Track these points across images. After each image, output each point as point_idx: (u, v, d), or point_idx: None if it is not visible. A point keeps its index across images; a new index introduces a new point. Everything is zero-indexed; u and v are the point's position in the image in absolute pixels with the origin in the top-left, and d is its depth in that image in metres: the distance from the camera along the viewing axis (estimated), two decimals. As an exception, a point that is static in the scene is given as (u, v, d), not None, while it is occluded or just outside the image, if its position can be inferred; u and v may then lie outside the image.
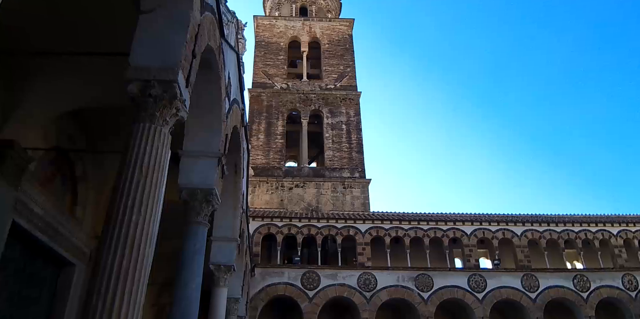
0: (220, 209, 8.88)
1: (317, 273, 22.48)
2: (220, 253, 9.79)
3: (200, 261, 6.65)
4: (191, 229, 6.69)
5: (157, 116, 4.59)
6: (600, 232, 25.63)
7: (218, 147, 6.93)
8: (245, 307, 18.03)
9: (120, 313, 3.73)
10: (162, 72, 4.56)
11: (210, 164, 6.88)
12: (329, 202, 27.54)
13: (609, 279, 24.26)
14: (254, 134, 29.24)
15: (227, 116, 7.54)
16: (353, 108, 31.38)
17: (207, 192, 6.79)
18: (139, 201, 4.18)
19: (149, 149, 4.41)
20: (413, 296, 22.49)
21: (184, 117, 4.97)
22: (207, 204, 6.81)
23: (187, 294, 6.46)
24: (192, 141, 6.89)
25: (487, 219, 25.23)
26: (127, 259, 3.91)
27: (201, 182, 6.80)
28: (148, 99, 4.54)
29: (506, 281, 23.49)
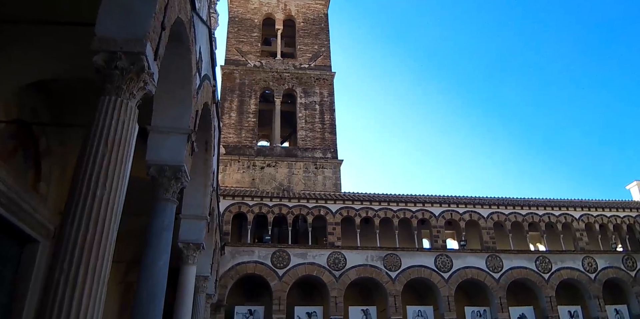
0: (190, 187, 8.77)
1: (287, 251, 22.61)
2: (189, 231, 9.71)
3: (168, 238, 6.57)
4: (159, 206, 6.59)
5: (124, 89, 4.47)
6: (563, 216, 26.43)
7: (188, 123, 6.79)
8: (215, 285, 18.07)
9: (83, 289, 3.65)
10: (129, 43, 4.41)
11: (180, 141, 6.75)
12: (301, 182, 27.57)
13: (569, 261, 25.13)
14: (226, 112, 28.84)
15: (198, 92, 7.38)
16: (327, 88, 31.20)
17: (176, 169, 6.68)
18: (103, 176, 4.08)
19: (114, 123, 4.30)
20: (381, 275, 22.88)
21: (152, 91, 4.84)
22: (176, 181, 6.71)
23: (155, 271, 6.39)
24: (161, 116, 6.73)
25: (455, 201, 25.72)
26: (91, 235, 3.83)
27: (170, 159, 6.68)
28: (114, 72, 4.41)
29: (472, 261, 24.10)
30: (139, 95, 4.65)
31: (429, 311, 22.98)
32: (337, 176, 28.37)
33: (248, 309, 21.74)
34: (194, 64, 6.79)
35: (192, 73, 6.67)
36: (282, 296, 21.60)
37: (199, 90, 7.42)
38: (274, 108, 30.31)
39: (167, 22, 5.20)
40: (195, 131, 7.21)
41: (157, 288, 6.35)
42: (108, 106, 4.33)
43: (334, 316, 21.61)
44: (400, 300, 22.52)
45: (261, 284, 22.63)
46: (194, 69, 6.77)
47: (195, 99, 7.12)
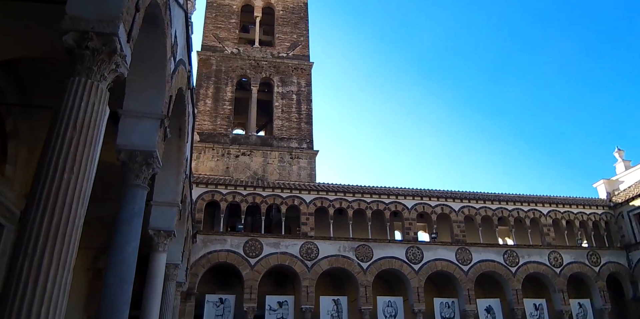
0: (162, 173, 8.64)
1: (260, 241, 22.57)
2: (160, 218, 9.59)
3: (138, 225, 6.47)
4: (129, 192, 6.47)
5: (95, 70, 4.36)
6: (531, 211, 27.00)
7: (161, 108, 6.67)
8: (186, 273, 17.95)
9: (48, 274, 3.57)
10: (101, 24, 4.29)
11: (152, 126, 6.62)
12: (276, 172, 27.47)
13: (536, 255, 25.73)
14: (202, 98, 28.44)
15: (172, 77, 7.25)
16: (304, 78, 31.04)
17: (148, 154, 6.55)
18: (71, 159, 3.99)
19: (84, 105, 4.19)
20: (353, 266, 23.06)
21: (124, 74, 4.73)
22: (148, 167, 6.59)
23: (124, 257, 6.30)
24: (134, 100, 6.58)
25: (428, 194, 26.00)
26: (57, 219, 3.74)
27: (142, 144, 6.54)
28: (85, 52, 4.29)
29: (442, 253, 24.47)
30: (110, 77, 4.55)
31: (398, 302, 23.28)
32: (312, 167, 28.36)
33: (219, 298, 21.67)
34: (169, 47, 6.65)
35: (166, 57, 6.54)
36: (254, 285, 21.59)
37: (173, 75, 7.28)
38: (250, 96, 30.02)
39: (142, 4, 5.07)
40: (169, 116, 7.09)
41: (126, 274, 6.27)
42: (78, 88, 4.23)
43: (305, 306, 21.72)
44: (371, 291, 22.75)
45: (233, 273, 22.57)
46: (168, 53, 6.64)
47: (170, 83, 6.99)
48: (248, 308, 21.11)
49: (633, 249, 26.85)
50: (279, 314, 21.75)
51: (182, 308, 18.95)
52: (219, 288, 22.80)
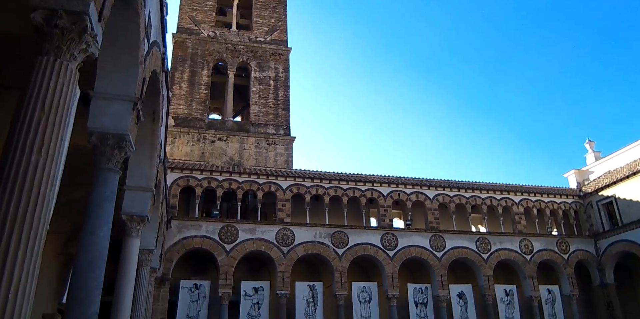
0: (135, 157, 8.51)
1: (235, 227, 22.51)
2: (133, 203, 9.45)
3: (110, 209, 6.37)
4: (101, 176, 6.35)
5: (64, 49, 4.23)
6: (504, 199, 27.51)
7: (134, 90, 6.52)
8: (160, 259, 17.82)
9: (16, 259, 3.48)
10: (71, 1, 4.16)
11: (125, 108, 6.47)
12: (252, 158, 27.31)
13: (508, 242, 26.29)
14: (177, 82, 27.95)
15: (146, 59, 7.08)
16: (282, 64, 30.77)
17: (120, 137, 6.42)
18: (39, 141, 3.88)
19: (52, 85, 4.07)
20: (328, 252, 23.21)
21: (94, 54, 4.60)
22: (120, 151, 6.46)
23: (95, 242, 6.21)
24: (105, 82, 6.42)
25: (403, 182, 26.23)
26: (24, 203, 3.65)
27: (113, 127, 6.40)
28: (54, 31, 4.15)
29: (416, 240, 24.79)
30: (80, 57, 4.42)
31: (373, 287, 23.58)
32: (289, 153, 28.28)
33: (194, 284, 21.61)
34: (142, 28, 6.48)
35: (139, 38, 6.38)
36: (229, 271, 21.58)
37: (146, 56, 7.11)
38: (227, 81, 29.63)
39: (114, -18, 4.92)
40: (142, 99, 6.93)
41: (98, 259, 6.19)
42: (46, 67, 4.12)
43: (281, 291, 21.83)
44: (346, 276, 22.98)
45: (208, 259, 22.50)
46: (142, 34, 6.47)
47: (143, 65, 6.83)
48: (223, 294, 21.12)
49: (601, 237, 27.64)
50: (254, 299, 21.83)
51: (156, 294, 18.84)
52: (194, 274, 22.73)
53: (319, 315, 22.29)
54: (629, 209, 26.29)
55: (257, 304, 21.81)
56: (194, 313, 21.03)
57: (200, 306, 21.23)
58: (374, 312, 23.04)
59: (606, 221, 27.83)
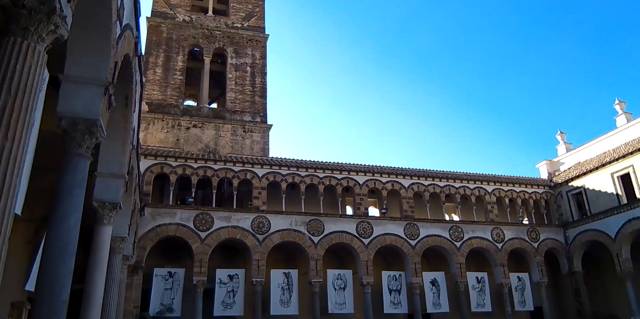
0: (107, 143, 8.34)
1: (210, 214, 22.37)
2: (105, 190, 9.28)
3: (80, 196, 6.23)
4: (71, 162, 6.20)
5: (32, 30, 4.10)
6: (477, 189, 27.96)
7: (106, 74, 6.35)
8: (133, 246, 17.62)
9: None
10: (38, -20, 4.00)
11: (96, 93, 6.31)
12: (228, 145, 27.07)
13: (480, 231, 26.78)
14: (151, 67, 27.39)
15: (118, 42, 6.89)
16: (259, 51, 30.43)
17: (91, 122, 6.26)
18: (5, 125, 3.78)
19: (19, 67, 3.96)
20: (304, 240, 23.28)
21: (64, 36, 4.46)
22: (91, 136, 6.31)
23: (64, 229, 6.09)
24: (76, 65, 6.24)
25: (379, 171, 26.40)
26: (-10, 188, 3.54)
27: (84, 112, 6.24)
28: (21, 11, 4.02)
29: (391, 228, 25.05)
30: (48, 39, 4.29)
31: (348, 275, 23.80)
32: (266, 141, 28.12)
33: (168, 272, 21.47)
34: (115, 10, 6.30)
35: (112, 21, 6.20)
36: (204, 259, 21.48)
37: (119, 40, 6.93)
38: (202, 67, 29.18)
39: (84, -39, 4.75)
40: (114, 83, 6.76)
41: (68, 246, 6.08)
42: (13, 49, 4.00)
43: (256, 279, 21.86)
44: (322, 264, 23.12)
45: (182, 247, 22.33)
46: (114, 17, 6.29)
47: (115, 49, 6.65)
48: (198, 282, 21.04)
49: (570, 227, 28.37)
50: (229, 287, 21.82)
51: (129, 282, 18.66)
52: (168, 262, 22.56)
53: (294, 302, 22.42)
54: (598, 200, 27.00)
55: (232, 291, 21.81)
56: (167, 301, 20.93)
57: (175, 294, 21.14)
58: (348, 299, 23.29)
59: (575, 211, 28.55)
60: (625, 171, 25.74)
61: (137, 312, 19.75)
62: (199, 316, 20.58)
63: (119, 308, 15.03)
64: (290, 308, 22.34)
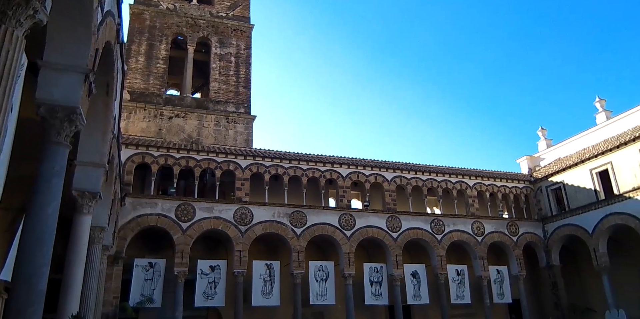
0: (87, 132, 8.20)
1: (192, 205, 22.23)
2: (85, 179, 9.14)
3: (59, 185, 6.12)
4: (50, 150, 6.09)
5: (10, 15, 4.00)
6: (458, 183, 28.22)
7: (86, 61, 6.22)
8: (113, 237, 17.46)
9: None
10: (16, -37, 3.89)
11: (76, 80, 6.18)
12: (211, 136, 26.87)
13: (461, 224, 27.07)
14: (133, 55, 26.97)
15: (99, 29, 6.76)
16: (244, 41, 30.15)
17: (70, 110, 6.14)
18: (-20, 111, 3.67)
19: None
20: (287, 231, 23.29)
21: (43, 21, 4.36)
22: (70, 124, 6.19)
23: (42, 219, 5.99)
24: (56, 52, 6.10)
25: (362, 163, 26.46)
26: (-37, 176, 3.46)
27: (63, 99, 6.11)
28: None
29: (373, 221, 25.18)
30: (27, 23, 4.18)
31: (330, 266, 23.90)
32: (249, 132, 27.98)
33: (149, 262, 21.32)
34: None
35: (92, 6, 6.07)
36: (185, 250, 21.37)
37: (100, 26, 6.79)
38: (186, 56, 28.82)
39: (64, -56, 4.64)
40: (95, 71, 6.64)
41: (46, 235, 5.99)
42: (-11, 33, 3.87)
43: (238, 270, 21.83)
44: (304, 255, 23.16)
45: (163, 237, 22.18)
46: (95, 3, 6.16)
47: (96, 35, 6.52)
48: (179, 272, 20.95)
49: (549, 221, 28.83)
50: (210, 278, 21.76)
51: (109, 272, 18.51)
52: (149, 252, 22.41)
53: (275, 293, 22.47)
54: (576, 195, 27.45)
55: (213, 282, 21.76)
56: (148, 292, 20.81)
57: (155, 285, 21.02)
58: (330, 290, 23.41)
59: (554, 205, 29.01)
60: (603, 167, 26.18)
61: (117, 302, 19.62)
62: (179, 306, 20.51)
63: (98, 298, 14.92)
64: (271, 299, 22.38)
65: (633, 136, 24.70)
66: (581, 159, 27.31)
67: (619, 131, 27.54)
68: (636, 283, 26.13)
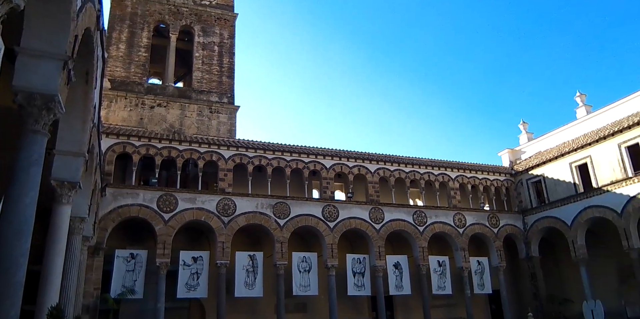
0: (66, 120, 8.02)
1: (175, 196, 22.02)
2: (64, 168, 8.95)
3: (37, 174, 5.98)
4: (27, 138, 5.93)
5: (-16, 0, 3.84)
6: (441, 175, 28.43)
7: (65, 48, 6.05)
8: (93, 227, 17.24)
9: None
10: (-10, -56, 3.74)
11: (54, 67, 6.01)
12: (194, 126, 26.60)
13: (443, 216, 27.32)
14: (114, 43, 26.46)
15: (79, 15, 6.57)
16: (228, 30, 29.77)
17: (49, 98, 5.98)
18: (-47, 98, 3.54)
19: (-30, 36, 3.71)
20: (270, 222, 23.24)
21: (19, 6, 4.22)
22: (48, 112, 6.03)
23: (20, 209, 5.86)
24: (33, 38, 5.92)
25: (346, 155, 26.48)
26: None
27: (42, 86, 5.95)
28: (-28, -22, 3.75)
29: (356, 212, 25.26)
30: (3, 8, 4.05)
31: (313, 257, 23.95)
32: (233, 122, 27.75)
33: (130, 253, 21.11)
34: (75, -19, 6.00)
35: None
36: (168, 241, 21.21)
37: (80, 12, 6.61)
38: (168, 44, 28.37)
39: None
40: (74, 58, 6.46)
41: (24, 226, 5.86)
42: (-37, 17, 3.73)
43: (220, 261, 21.75)
44: (287, 246, 23.16)
45: (145, 228, 21.99)
46: (74, -13, 5.99)
47: (75, 22, 6.34)
48: (161, 263, 20.80)
49: (529, 213, 29.24)
50: (193, 269, 21.66)
51: (89, 263, 18.29)
52: (130, 243, 22.20)
53: (258, 284, 22.46)
54: (556, 188, 27.86)
55: (195, 273, 21.66)
56: (129, 283, 20.62)
57: (137, 276, 20.84)
58: (313, 281, 23.48)
59: (534, 198, 29.42)
60: (583, 161, 26.58)
61: (97, 294, 19.43)
62: (161, 298, 20.40)
63: (78, 290, 14.73)
64: (254, 290, 22.38)
65: (612, 131, 25.09)
66: (561, 153, 27.68)
67: (598, 125, 27.96)
68: (613, 274, 26.70)
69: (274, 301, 22.84)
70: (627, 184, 23.97)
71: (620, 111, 27.03)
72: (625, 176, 24.16)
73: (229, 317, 21.68)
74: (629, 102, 26.75)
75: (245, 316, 23.49)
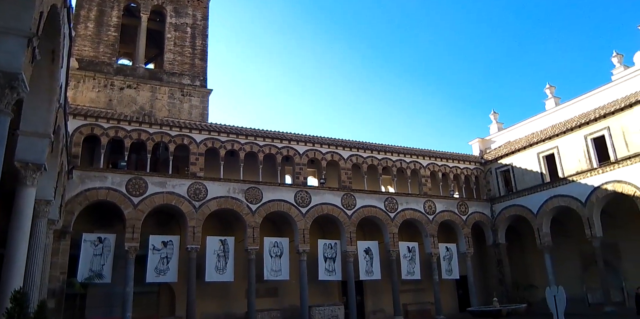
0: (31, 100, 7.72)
1: (144, 179, 21.65)
2: (28, 149, 8.65)
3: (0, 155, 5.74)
4: (-11, 118, 5.68)
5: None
6: (412, 163, 28.71)
7: (29, 25, 5.79)
8: (59, 210, 16.83)
9: None
10: None
11: (18, 44, 5.75)
12: (165, 109, 26.10)
13: (413, 203, 27.66)
14: (82, 21, 25.60)
15: (45, -10, 6.29)
16: (201, 11, 29.14)
17: (12, 76, 5.72)
18: None
19: None
20: (242, 207, 23.12)
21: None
22: (12, 91, 5.78)
23: (-19, 191, 5.63)
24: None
25: (319, 141, 26.43)
26: None
27: (5, 64, 5.69)
28: None
29: (329, 198, 25.35)
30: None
31: (284, 242, 23.98)
32: (205, 106, 27.34)
33: (97, 237, 20.73)
34: (40, -47, 5.71)
35: (36, -35, 5.62)
36: (137, 225, 20.89)
37: (45, -13, 6.32)
38: (139, 24, 27.62)
39: None
40: (39, 35, 6.19)
41: (-16, 210, 5.63)
42: None
43: (191, 245, 21.58)
44: (259, 231, 23.11)
45: (114, 212, 21.59)
46: (39, -39, 5.70)
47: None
48: (130, 248, 20.51)
49: (496, 201, 29.86)
50: (162, 253, 21.43)
51: (55, 247, 17.90)
52: (98, 227, 21.79)
53: (229, 269, 22.40)
54: (523, 177, 28.47)
55: (165, 258, 21.45)
56: (97, 267, 20.29)
57: (105, 260, 20.51)
58: (284, 266, 23.55)
59: (502, 187, 30.03)
60: (550, 151, 27.17)
61: (64, 278, 19.08)
62: (130, 282, 20.15)
63: (44, 274, 14.42)
64: (225, 275, 22.31)
65: (579, 123, 25.66)
66: (529, 143, 28.23)
67: (566, 117, 28.56)
68: (576, 261, 27.61)
69: (245, 286, 22.84)
70: (591, 174, 24.64)
71: (588, 103, 27.65)
72: (590, 167, 24.81)
73: (199, 301, 21.61)
74: (597, 95, 27.37)
75: (216, 300, 23.46)
